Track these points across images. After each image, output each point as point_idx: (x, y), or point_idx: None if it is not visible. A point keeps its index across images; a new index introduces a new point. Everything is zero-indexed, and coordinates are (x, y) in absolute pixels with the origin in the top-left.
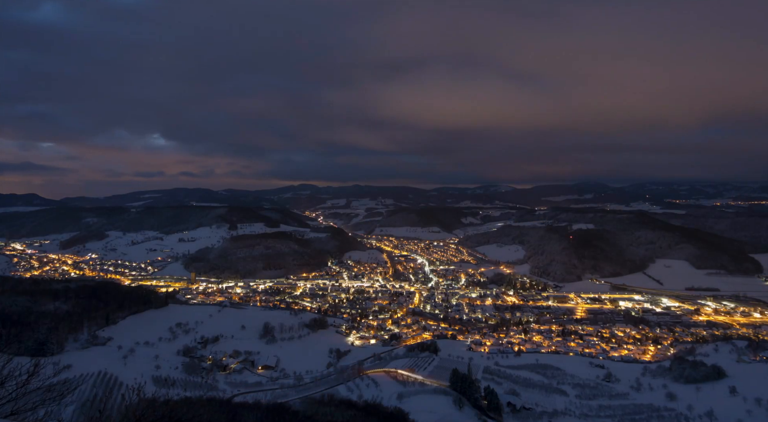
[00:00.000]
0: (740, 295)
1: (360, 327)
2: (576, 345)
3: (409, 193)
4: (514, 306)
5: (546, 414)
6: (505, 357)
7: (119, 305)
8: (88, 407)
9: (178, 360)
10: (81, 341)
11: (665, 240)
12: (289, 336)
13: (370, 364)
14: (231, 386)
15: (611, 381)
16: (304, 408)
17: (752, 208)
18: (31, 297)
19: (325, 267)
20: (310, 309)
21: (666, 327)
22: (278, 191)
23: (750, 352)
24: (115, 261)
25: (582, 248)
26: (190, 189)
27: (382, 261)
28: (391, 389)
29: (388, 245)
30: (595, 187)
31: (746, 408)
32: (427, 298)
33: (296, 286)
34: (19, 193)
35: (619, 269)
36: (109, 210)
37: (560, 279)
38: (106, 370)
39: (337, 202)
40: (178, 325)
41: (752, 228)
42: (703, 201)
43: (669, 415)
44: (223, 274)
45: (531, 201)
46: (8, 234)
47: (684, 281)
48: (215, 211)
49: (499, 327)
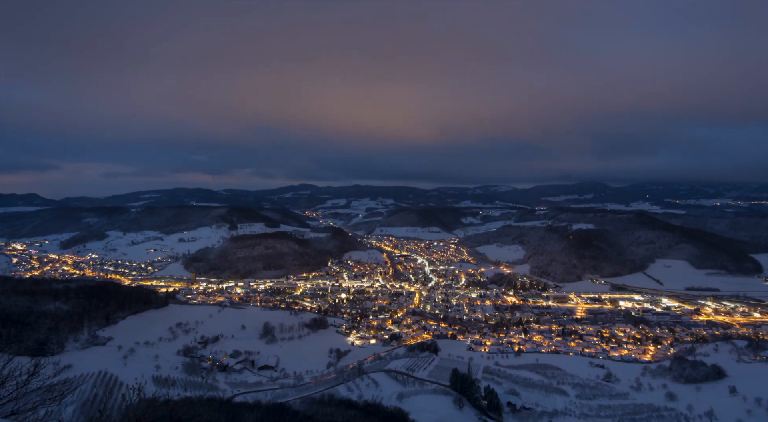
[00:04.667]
0: (740, 295)
1: (360, 327)
2: (576, 345)
3: (409, 193)
4: (514, 306)
5: (546, 414)
6: (505, 357)
7: (119, 305)
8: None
9: (178, 360)
10: (81, 341)
11: (665, 240)
12: (289, 336)
13: (371, 364)
14: (231, 386)
15: (611, 381)
16: (304, 408)
17: (752, 207)
18: (31, 297)
19: (325, 267)
20: (310, 309)
21: (666, 327)
22: (278, 191)
23: (750, 352)
24: (116, 261)
25: (582, 248)
26: (190, 189)
27: (382, 261)
28: (391, 389)
29: (388, 245)
30: (595, 187)
31: (746, 407)
32: (427, 298)
33: (296, 286)
34: (20, 193)
35: (619, 269)
36: (110, 210)
37: (560, 279)
38: (107, 370)
39: (337, 202)
40: (179, 325)
41: (752, 228)
42: (703, 201)
43: (669, 415)
44: (223, 274)
45: (531, 201)
46: (8, 234)
47: (684, 281)
48: (215, 210)
49: (499, 327)
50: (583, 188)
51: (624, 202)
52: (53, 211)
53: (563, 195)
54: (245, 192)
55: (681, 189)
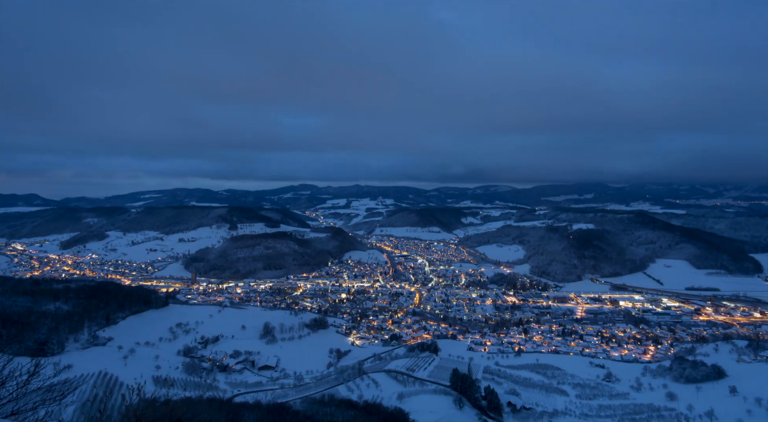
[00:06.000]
0: (740, 295)
1: (360, 328)
2: (576, 345)
3: (409, 193)
4: (514, 306)
5: (546, 413)
6: (505, 357)
7: (119, 305)
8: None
9: (178, 361)
10: (81, 341)
11: (665, 240)
12: (289, 336)
13: (371, 364)
14: (231, 386)
15: (611, 381)
16: (305, 408)
17: (752, 207)
18: (31, 298)
19: (325, 267)
20: (310, 309)
21: (666, 326)
22: (278, 191)
23: (750, 352)
24: (116, 261)
25: (582, 248)
26: (190, 189)
27: (382, 261)
28: (391, 389)
29: (388, 245)
30: (595, 187)
31: (746, 407)
32: (428, 298)
33: (296, 286)
34: (20, 193)
35: (619, 269)
36: (110, 210)
37: (560, 279)
38: (107, 370)
39: (337, 202)
40: (179, 325)
41: (752, 228)
42: (703, 201)
43: (669, 415)
44: (223, 274)
45: (531, 201)
46: (9, 234)
47: (684, 281)
48: (215, 211)
49: (499, 327)
50: (583, 188)
51: (624, 202)
52: (53, 211)
53: (563, 195)
54: (245, 192)
55: (681, 189)
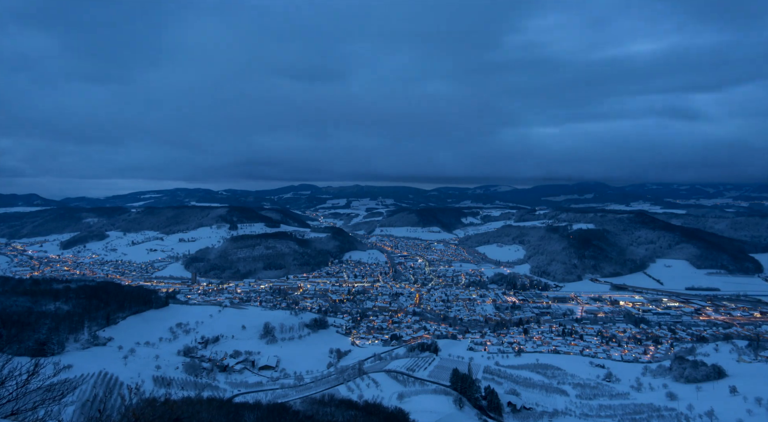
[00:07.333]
0: (740, 295)
1: (360, 328)
2: (576, 345)
3: (409, 193)
4: (514, 306)
5: (546, 413)
6: (505, 357)
7: (120, 305)
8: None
9: (178, 360)
10: (81, 341)
11: (665, 240)
12: (289, 337)
13: (371, 364)
14: (231, 386)
15: (611, 381)
16: (305, 408)
17: (752, 207)
18: (31, 298)
19: (325, 267)
20: (310, 309)
21: (666, 326)
22: (278, 191)
23: (750, 352)
24: (116, 261)
25: (582, 248)
26: (190, 189)
27: (382, 261)
28: (391, 389)
29: (389, 245)
30: (595, 187)
31: (747, 407)
32: (427, 298)
33: (297, 286)
34: (20, 193)
35: (619, 269)
36: (110, 210)
37: (560, 279)
38: (107, 370)
39: (337, 202)
40: (179, 325)
41: (752, 228)
42: (703, 201)
43: (669, 415)
44: (223, 274)
45: (531, 201)
46: (9, 234)
47: (684, 281)
48: (216, 211)
49: (499, 327)
50: (583, 188)
51: (624, 202)
52: (53, 211)
53: (563, 195)
54: (245, 192)
55: (681, 189)
